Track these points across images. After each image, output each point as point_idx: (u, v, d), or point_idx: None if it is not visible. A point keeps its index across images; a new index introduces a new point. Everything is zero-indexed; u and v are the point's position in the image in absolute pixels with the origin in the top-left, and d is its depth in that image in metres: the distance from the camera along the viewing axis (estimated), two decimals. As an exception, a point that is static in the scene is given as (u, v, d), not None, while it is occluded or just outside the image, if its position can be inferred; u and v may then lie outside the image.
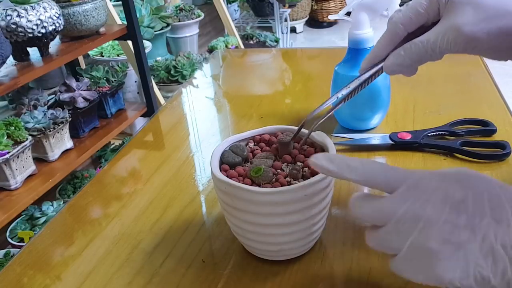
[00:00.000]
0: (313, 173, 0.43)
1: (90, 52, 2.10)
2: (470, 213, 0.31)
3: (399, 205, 0.32)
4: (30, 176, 1.36)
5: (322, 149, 0.46)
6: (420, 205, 0.32)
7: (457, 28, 0.37)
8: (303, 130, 0.47)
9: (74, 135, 1.56)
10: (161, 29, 2.53)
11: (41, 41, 1.33)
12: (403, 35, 0.42)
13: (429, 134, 0.64)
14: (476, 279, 0.30)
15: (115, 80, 1.74)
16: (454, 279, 0.30)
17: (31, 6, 1.28)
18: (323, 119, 0.45)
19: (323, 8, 3.93)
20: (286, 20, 3.20)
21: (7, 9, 1.26)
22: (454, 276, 0.30)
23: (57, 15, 1.34)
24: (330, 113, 0.47)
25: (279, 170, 0.44)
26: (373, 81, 0.46)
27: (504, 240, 0.30)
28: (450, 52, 0.40)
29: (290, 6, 3.32)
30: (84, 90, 1.58)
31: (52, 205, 1.54)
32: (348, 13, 0.63)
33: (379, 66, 0.44)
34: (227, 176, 0.42)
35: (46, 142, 1.41)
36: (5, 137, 1.25)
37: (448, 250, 0.30)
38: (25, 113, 1.40)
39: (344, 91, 0.47)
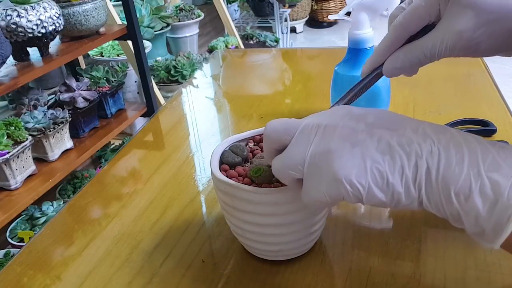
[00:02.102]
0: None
1: (90, 52, 2.10)
2: (369, 123, 0.32)
3: (303, 120, 0.34)
4: (30, 176, 1.36)
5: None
6: (322, 116, 0.34)
7: (456, 34, 0.37)
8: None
9: (74, 135, 1.56)
10: (161, 29, 2.53)
11: (41, 41, 1.33)
12: (404, 38, 0.41)
13: (429, 134, 0.64)
14: (373, 176, 0.30)
15: (115, 80, 1.74)
16: (350, 175, 0.30)
17: (31, 6, 1.28)
18: None
19: (323, 8, 3.93)
20: (286, 20, 3.20)
21: (7, 9, 1.26)
22: (351, 172, 0.30)
23: (57, 15, 1.34)
24: None
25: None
26: (375, 83, 0.46)
27: (400, 140, 0.30)
28: (449, 56, 0.40)
29: (290, 6, 3.32)
30: (84, 90, 1.58)
31: (52, 205, 1.54)
32: (348, 13, 0.63)
33: (379, 69, 0.44)
34: (227, 176, 0.42)
35: (46, 142, 1.41)
36: (5, 137, 1.25)
37: (345, 148, 0.31)
38: (25, 113, 1.40)
39: (347, 97, 0.45)
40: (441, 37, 0.38)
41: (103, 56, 2.11)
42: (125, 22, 1.69)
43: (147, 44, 2.18)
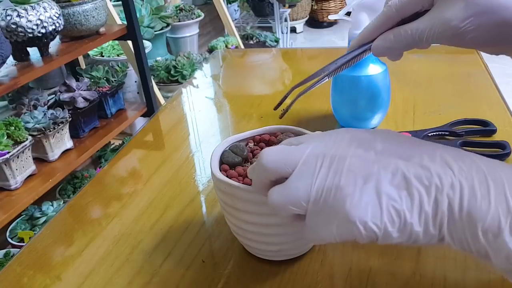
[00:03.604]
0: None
1: (90, 52, 2.10)
2: (379, 150, 0.29)
3: (304, 148, 0.31)
4: (30, 176, 1.36)
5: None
6: (326, 145, 0.30)
7: (444, 22, 0.38)
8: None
9: (74, 135, 1.56)
10: (161, 29, 2.53)
11: (41, 41, 1.33)
12: (396, 20, 0.42)
13: (429, 134, 0.64)
14: (389, 216, 0.27)
15: (115, 80, 1.74)
16: (364, 216, 0.27)
17: (31, 6, 1.28)
18: (305, 92, 0.45)
19: (323, 8, 3.93)
20: (286, 20, 3.20)
21: (7, 9, 1.26)
22: (365, 213, 0.27)
23: (57, 15, 1.34)
24: (314, 87, 0.47)
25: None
26: (361, 60, 0.46)
27: (417, 172, 0.28)
28: (437, 43, 0.40)
29: (290, 6, 3.32)
30: (84, 90, 1.58)
31: (52, 205, 1.54)
32: (348, 13, 0.63)
33: (368, 46, 0.44)
34: (227, 176, 0.42)
35: (46, 142, 1.41)
36: (5, 137, 1.25)
37: (357, 185, 0.28)
38: (25, 113, 1.40)
39: (331, 67, 0.47)
40: (431, 23, 0.39)
41: (103, 56, 2.11)
42: (125, 22, 1.69)
43: (147, 44, 2.18)
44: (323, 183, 0.29)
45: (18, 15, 1.25)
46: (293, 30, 3.86)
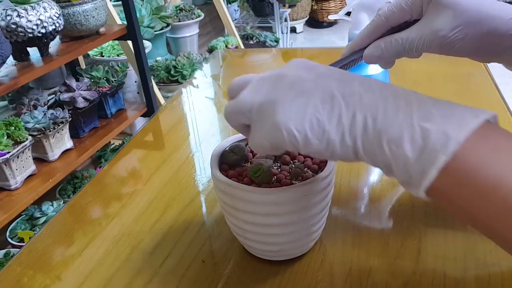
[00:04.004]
0: (314, 173, 0.43)
1: (90, 52, 2.10)
2: (319, 73, 0.32)
3: (259, 75, 0.35)
4: (30, 176, 1.36)
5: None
6: (277, 70, 0.34)
7: (433, 31, 0.39)
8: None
9: (74, 135, 1.56)
10: (161, 29, 2.53)
11: (41, 41, 1.33)
12: (385, 28, 0.43)
13: (429, 134, 0.64)
14: (311, 124, 0.30)
15: (115, 80, 1.73)
16: (288, 122, 0.30)
17: (31, 6, 1.28)
18: None
19: (323, 8, 3.93)
20: (286, 20, 3.20)
21: (7, 9, 1.25)
22: (290, 119, 0.30)
23: (57, 15, 1.34)
24: None
25: (279, 170, 0.44)
26: (353, 67, 0.47)
27: (343, 90, 0.31)
28: (427, 52, 0.42)
29: (290, 6, 3.32)
30: (84, 90, 1.58)
31: (52, 205, 1.54)
32: (348, 13, 0.63)
33: (359, 53, 0.45)
34: (227, 176, 0.42)
35: (46, 142, 1.41)
36: (5, 137, 1.25)
37: (289, 96, 0.31)
38: (25, 113, 1.40)
39: None
40: (420, 32, 0.40)
41: (103, 56, 2.11)
42: (125, 22, 1.69)
43: (147, 44, 2.18)
44: (264, 96, 0.33)
45: (18, 15, 1.25)
46: (293, 30, 3.86)
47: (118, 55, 2.08)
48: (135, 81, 2.05)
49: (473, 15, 0.38)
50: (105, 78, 1.72)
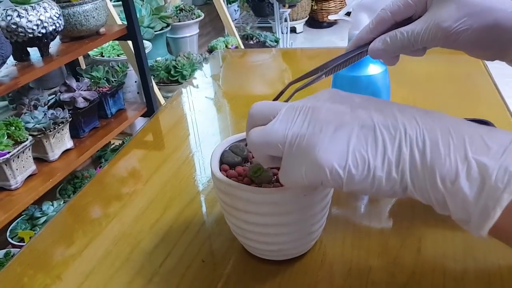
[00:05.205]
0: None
1: (90, 52, 2.10)
2: (355, 104, 0.31)
3: (288, 103, 0.34)
4: (30, 176, 1.36)
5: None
6: (307, 99, 0.33)
7: (437, 23, 0.39)
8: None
9: (74, 135, 1.56)
10: (161, 29, 2.53)
11: (41, 41, 1.33)
12: (390, 23, 0.43)
13: (429, 134, 0.64)
14: (355, 160, 0.29)
15: (115, 80, 1.74)
16: (331, 160, 0.29)
17: (31, 6, 1.28)
18: (302, 88, 0.46)
19: (323, 8, 3.93)
20: (286, 20, 3.20)
21: (7, 9, 1.26)
22: (332, 156, 0.29)
23: (57, 15, 1.34)
24: (309, 85, 0.47)
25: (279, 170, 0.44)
26: (358, 61, 0.47)
27: (385, 121, 0.29)
28: (431, 45, 0.41)
29: (290, 6, 3.32)
30: (84, 90, 1.58)
31: (52, 205, 1.54)
32: (348, 13, 0.63)
33: (365, 48, 0.45)
34: (227, 176, 0.42)
35: (46, 142, 1.41)
36: (6, 137, 1.25)
37: (328, 131, 0.30)
38: (26, 113, 1.40)
39: (329, 65, 0.47)
40: (425, 25, 0.40)
41: (103, 56, 2.11)
42: (125, 22, 1.69)
43: (147, 44, 2.18)
44: (298, 129, 0.31)
45: (19, 15, 1.25)
46: (293, 30, 3.86)
47: (118, 55, 2.08)
48: (135, 81, 2.05)
49: (476, 7, 0.38)
50: (105, 78, 1.72)
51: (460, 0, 0.39)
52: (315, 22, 4.03)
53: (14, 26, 1.25)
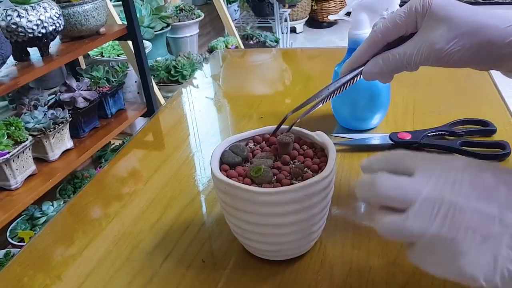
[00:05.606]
0: (314, 173, 0.43)
1: (90, 52, 2.10)
2: (502, 202, 0.28)
3: (422, 184, 0.30)
4: (30, 176, 1.36)
5: (322, 149, 0.46)
6: (444, 187, 0.29)
7: (430, 45, 0.39)
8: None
9: (74, 135, 1.56)
10: (161, 29, 2.53)
11: (41, 41, 1.33)
12: (382, 44, 0.44)
13: (429, 134, 0.64)
14: (502, 276, 0.27)
15: (115, 80, 1.74)
16: (478, 275, 0.27)
17: (31, 6, 1.28)
18: (300, 119, 0.48)
19: (323, 8, 3.93)
20: (286, 20, 3.20)
21: (7, 9, 1.26)
22: (479, 271, 0.27)
23: (57, 15, 1.34)
24: (308, 113, 0.49)
25: (279, 170, 0.44)
26: (353, 84, 0.48)
27: None
28: (425, 65, 0.42)
29: (290, 6, 3.32)
30: (84, 90, 1.58)
31: (52, 205, 1.54)
32: (348, 13, 0.63)
33: (359, 70, 0.46)
34: (227, 176, 0.42)
35: (46, 142, 1.41)
36: (6, 137, 1.25)
37: (475, 242, 0.28)
38: (25, 113, 1.40)
39: (324, 93, 0.48)
40: (417, 47, 0.40)
41: (103, 56, 2.11)
42: (125, 22, 1.69)
43: (147, 44, 2.18)
44: (439, 231, 0.29)
45: (19, 15, 1.25)
46: (293, 30, 3.86)
47: (118, 55, 2.08)
48: (135, 81, 2.05)
49: (468, 26, 0.38)
50: (105, 78, 1.72)
51: (451, 20, 0.38)
52: (315, 22, 4.04)
53: (14, 26, 1.25)
